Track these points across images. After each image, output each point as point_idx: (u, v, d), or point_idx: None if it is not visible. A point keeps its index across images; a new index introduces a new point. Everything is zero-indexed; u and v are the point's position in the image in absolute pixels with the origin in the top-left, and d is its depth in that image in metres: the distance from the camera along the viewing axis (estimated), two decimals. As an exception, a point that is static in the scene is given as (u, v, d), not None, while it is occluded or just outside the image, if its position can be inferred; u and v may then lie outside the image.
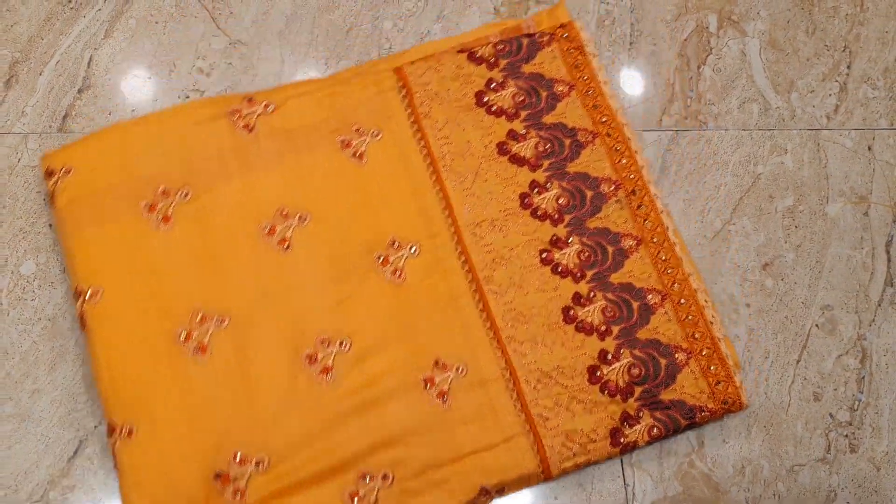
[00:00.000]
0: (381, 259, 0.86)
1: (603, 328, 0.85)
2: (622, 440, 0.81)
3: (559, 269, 0.88)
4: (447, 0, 1.03)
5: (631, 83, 1.01)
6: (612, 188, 0.91)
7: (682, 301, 0.87)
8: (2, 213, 0.89)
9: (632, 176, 0.92)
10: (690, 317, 0.86)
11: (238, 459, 0.76)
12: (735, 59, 1.03)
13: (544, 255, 0.88)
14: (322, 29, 1.01)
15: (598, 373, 0.83)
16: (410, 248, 0.87)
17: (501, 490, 0.79)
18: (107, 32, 0.99)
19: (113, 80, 0.96)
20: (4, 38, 0.97)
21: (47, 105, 0.94)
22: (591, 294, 0.87)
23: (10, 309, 0.85)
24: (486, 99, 0.94)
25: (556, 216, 0.90)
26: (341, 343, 0.82)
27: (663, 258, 0.89)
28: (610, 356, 0.84)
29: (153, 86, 0.97)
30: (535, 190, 0.91)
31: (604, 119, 0.94)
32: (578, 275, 0.87)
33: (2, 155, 0.91)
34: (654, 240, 0.90)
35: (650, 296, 0.87)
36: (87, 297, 0.80)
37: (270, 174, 0.88)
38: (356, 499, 0.76)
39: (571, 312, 0.86)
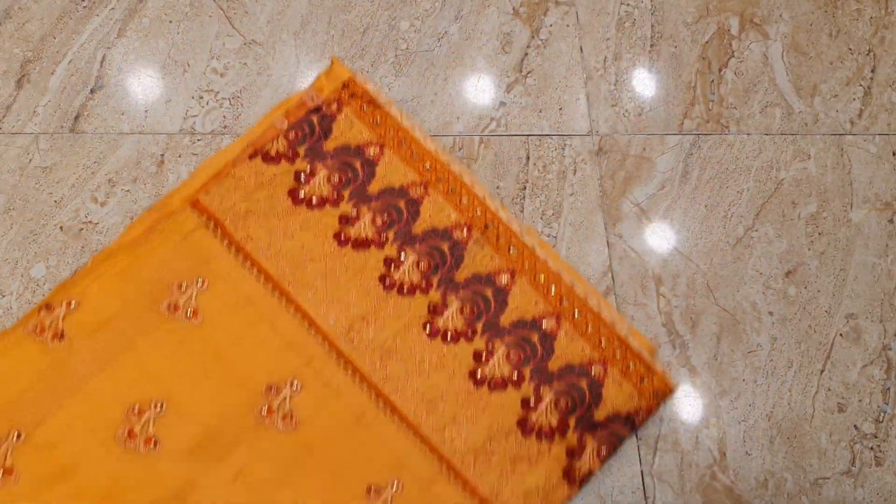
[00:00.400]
0: (265, 411, 0.79)
1: (515, 376, 0.82)
2: (577, 475, 0.79)
3: (448, 336, 0.83)
4: (465, 0, 1.01)
5: (651, 86, 1.00)
6: (464, 233, 0.87)
7: (577, 313, 0.85)
8: (12, 216, 0.87)
9: (479, 212, 0.88)
10: (591, 326, 0.84)
11: None
12: (757, 62, 1.02)
13: (428, 329, 0.84)
14: (338, 29, 0.99)
15: (528, 423, 0.81)
16: (291, 386, 0.80)
17: None
18: (120, 31, 0.97)
19: (126, 80, 0.95)
20: (16, 37, 0.96)
21: (59, 105, 0.93)
22: (490, 346, 0.83)
23: (19, 313, 0.83)
24: (301, 195, 0.87)
25: (424, 284, 0.85)
26: None
27: (542, 280, 0.86)
28: (532, 401, 0.81)
29: (167, 86, 0.95)
30: (391, 266, 0.86)
31: (427, 165, 0.90)
32: (470, 333, 0.84)
33: (12, 156, 0.90)
34: (526, 266, 0.86)
35: (545, 322, 0.84)
36: None
37: (105, 376, 0.78)
38: None
39: (479, 374, 0.82)
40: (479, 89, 0.98)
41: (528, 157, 0.95)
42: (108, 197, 0.89)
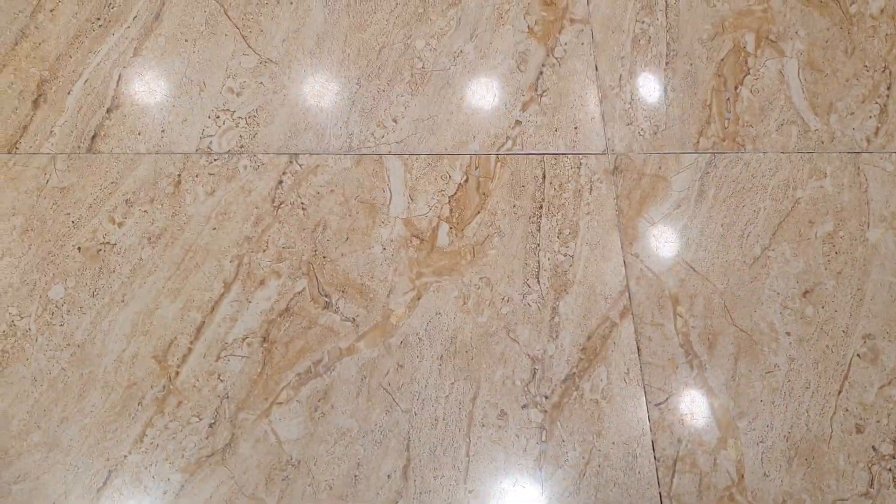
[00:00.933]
0: None
1: None
2: None
3: None
4: (480, 19, 1.01)
5: (667, 103, 0.99)
6: None
7: None
8: (30, 236, 0.87)
9: None
10: None
11: None
12: (773, 79, 1.01)
13: None
14: (353, 48, 0.99)
15: None
16: None
17: None
18: (136, 50, 0.97)
19: (142, 99, 0.95)
20: (32, 56, 0.96)
21: (76, 125, 0.93)
22: None
23: (38, 335, 0.83)
24: None
25: None
26: None
27: None
28: None
29: (183, 105, 0.95)
30: None
31: None
32: None
33: (29, 176, 0.90)
34: None
35: None
36: None
37: None
38: None
39: None
40: (495, 108, 0.98)
41: (543, 176, 0.95)
42: (126, 217, 0.89)
